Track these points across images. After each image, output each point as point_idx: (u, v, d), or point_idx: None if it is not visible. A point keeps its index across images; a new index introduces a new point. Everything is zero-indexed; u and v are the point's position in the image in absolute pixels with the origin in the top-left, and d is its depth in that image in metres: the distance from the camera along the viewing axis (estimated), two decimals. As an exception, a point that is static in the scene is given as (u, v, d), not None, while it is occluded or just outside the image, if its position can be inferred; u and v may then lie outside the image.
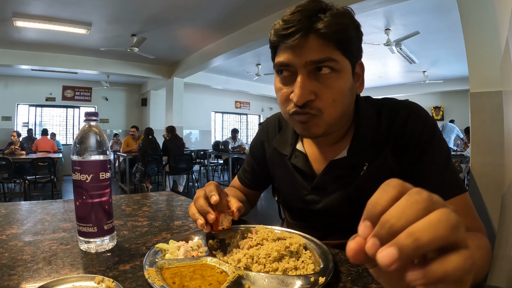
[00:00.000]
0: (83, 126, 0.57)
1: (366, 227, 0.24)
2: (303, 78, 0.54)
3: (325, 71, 0.54)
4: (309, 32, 0.52)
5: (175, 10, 4.11)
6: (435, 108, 9.15)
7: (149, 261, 0.47)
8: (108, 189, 0.58)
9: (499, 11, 1.46)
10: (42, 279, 0.44)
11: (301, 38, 0.52)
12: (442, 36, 4.89)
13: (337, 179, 0.64)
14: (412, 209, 0.22)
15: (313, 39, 0.52)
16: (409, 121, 0.59)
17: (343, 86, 0.55)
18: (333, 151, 0.65)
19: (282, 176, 0.75)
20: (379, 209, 0.23)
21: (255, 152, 0.83)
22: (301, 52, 0.53)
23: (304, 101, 0.54)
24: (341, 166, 0.63)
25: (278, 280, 0.42)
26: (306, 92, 0.53)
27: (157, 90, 8.83)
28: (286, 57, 0.55)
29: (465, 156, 4.60)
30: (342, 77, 0.55)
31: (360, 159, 0.62)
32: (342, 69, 0.55)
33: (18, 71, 6.84)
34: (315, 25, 0.52)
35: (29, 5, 3.82)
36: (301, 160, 0.68)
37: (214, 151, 7.02)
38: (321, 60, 0.53)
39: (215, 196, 0.56)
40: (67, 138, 8.31)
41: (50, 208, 0.89)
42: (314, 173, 0.67)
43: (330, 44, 0.53)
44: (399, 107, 0.62)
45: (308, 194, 0.68)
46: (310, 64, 0.53)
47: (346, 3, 2.48)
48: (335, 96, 0.55)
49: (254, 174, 0.85)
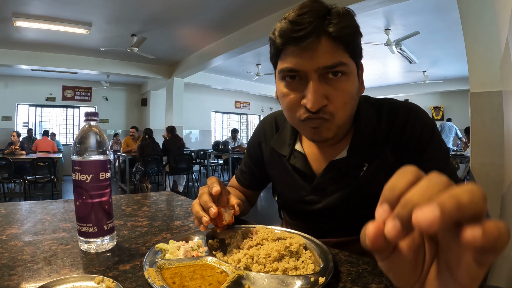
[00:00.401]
0: (83, 126, 0.57)
1: (384, 211, 0.22)
2: (316, 84, 0.52)
3: (336, 74, 0.53)
4: (321, 35, 0.50)
5: (175, 10, 4.11)
6: (435, 108, 9.15)
7: (149, 261, 0.47)
8: (108, 189, 0.58)
9: (499, 11, 1.46)
10: (42, 279, 0.44)
11: (314, 41, 0.50)
12: (442, 36, 4.89)
13: (337, 179, 0.64)
14: (434, 188, 0.21)
15: (325, 42, 0.51)
16: (409, 121, 0.59)
17: (353, 89, 0.55)
18: (333, 151, 0.65)
19: (280, 177, 0.74)
20: (397, 192, 0.22)
21: (252, 153, 0.82)
22: (313, 56, 0.51)
23: (319, 107, 0.52)
24: (341, 166, 0.63)
25: (278, 280, 0.42)
26: (320, 98, 0.52)
27: (157, 90, 8.82)
28: (295, 62, 0.53)
29: (465, 156, 4.60)
30: (351, 80, 0.55)
31: (360, 159, 0.62)
32: (351, 72, 0.54)
33: (18, 71, 6.84)
34: (327, 27, 0.50)
35: (29, 5, 3.82)
36: (300, 160, 0.68)
37: (214, 151, 7.02)
38: (334, 65, 0.51)
39: (216, 187, 0.55)
40: (67, 138, 8.31)
41: (50, 208, 0.89)
42: (314, 173, 0.67)
43: (340, 47, 0.52)
44: (398, 107, 0.62)
45: (308, 194, 0.68)
46: (322, 69, 0.52)
47: (346, 3, 2.48)
48: (346, 99, 0.54)
49: (251, 175, 0.84)
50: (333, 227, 0.68)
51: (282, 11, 3.90)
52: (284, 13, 0.54)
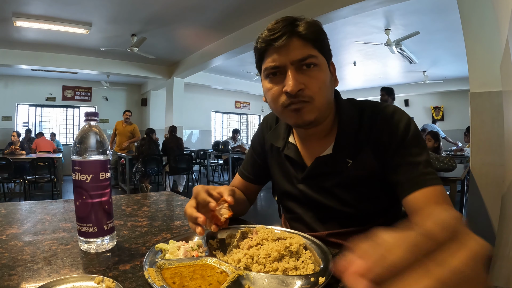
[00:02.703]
0: (83, 126, 0.57)
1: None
2: (293, 72, 0.63)
3: (309, 66, 0.63)
4: (293, 34, 0.62)
5: (175, 10, 4.11)
6: (435, 108, 9.13)
7: (149, 261, 0.47)
8: (108, 189, 0.58)
9: (499, 11, 1.46)
10: (42, 279, 0.44)
11: (287, 39, 0.62)
12: (442, 36, 4.88)
13: (324, 173, 0.71)
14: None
15: (295, 41, 0.63)
16: (388, 122, 0.67)
17: (325, 77, 0.65)
18: (320, 146, 0.72)
19: (276, 167, 0.82)
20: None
21: (256, 144, 0.89)
22: (287, 52, 0.62)
23: (297, 89, 0.62)
24: (327, 162, 0.70)
25: (278, 280, 0.42)
26: (297, 82, 0.62)
27: (157, 90, 8.82)
28: (274, 59, 0.64)
29: (465, 156, 4.61)
30: (322, 70, 0.65)
31: (344, 156, 0.69)
32: (321, 64, 0.65)
33: (18, 71, 6.83)
34: (296, 28, 0.62)
35: (29, 5, 3.82)
36: (293, 151, 0.76)
37: (214, 151, 7.02)
38: (304, 58, 0.62)
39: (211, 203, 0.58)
40: (67, 138, 8.30)
41: (50, 208, 0.89)
42: (304, 163, 0.74)
43: (309, 44, 0.63)
44: (379, 110, 0.69)
45: (299, 182, 0.75)
46: (297, 62, 0.62)
47: (346, 3, 2.47)
48: (320, 85, 0.64)
49: (254, 167, 0.89)
50: (325, 216, 0.74)
51: (282, 11, 3.89)
52: (284, 13, 0.58)
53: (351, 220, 0.71)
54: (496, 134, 2.16)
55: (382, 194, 0.70)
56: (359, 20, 4.32)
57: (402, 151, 0.64)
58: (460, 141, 6.57)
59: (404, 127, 0.65)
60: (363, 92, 9.23)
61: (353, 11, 3.40)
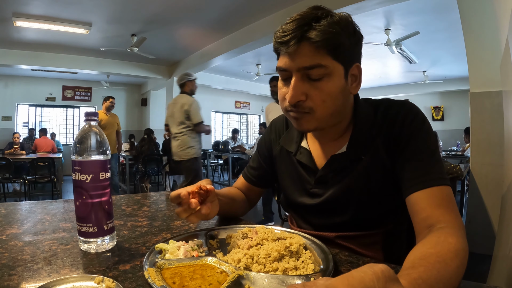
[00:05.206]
0: (83, 126, 0.57)
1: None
2: (296, 81, 0.61)
3: (316, 75, 0.60)
4: (302, 40, 0.58)
5: (175, 10, 4.11)
6: (435, 108, 9.13)
7: (149, 261, 0.47)
8: (108, 189, 0.58)
9: (499, 11, 1.46)
10: (42, 279, 0.44)
11: (295, 45, 0.58)
12: (442, 36, 4.88)
13: (338, 172, 0.69)
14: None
15: (305, 47, 0.58)
16: (400, 115, 0.65)
17: (333, 89, 0.61)
18: (334, 147, 0.70)
19: (287, 172, 0.80)
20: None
21: (262, 149, 0.88)
22: (295, 58, 0.60)
23: (295, 101, 0.61)
24: (341, 160, 0.68)
25: (278, 280, 0.42)
26: (297, 94, 0.60)
27: (157, 90, 8.81)
28: (283, 62, 0.62)
29: (465, 156, 4.60)
30: (332, 80, 0.61)
31: (358, 153, 0.67)
32: (332, 73, 0.60)
33: (18, 71, 6.83)
34: (307, 34, 0.58)
35: (29, 5, 3.82)
36: (305, 156, 0.74)
37: (214, 151, 7.02)
38: (311, 66, 0.59)
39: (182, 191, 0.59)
40: (67, 138, 8.30)
41: (50, 208, 0.89)
42: (317, 167, 0.72)
43: (320, 51, 0.58)
44: (393, 105, 0.68)
45: (312, 187, 0.73)
46: (302, 69, 0.60)
47: (346, 3, 2.48)
48: (325, 97, 0.61)
49: (259, 170, 0.88)
50: (336, 221, 0.71)
51: (282, 11, 3.90)
52: (283, 13, 0.57)
53: (361, 223, 0.68)
54: (496, 134, 2.16)
55: (394, 194, 0.65)
56: (359, 20, 4.29)
57: (411, 147, 0.62)
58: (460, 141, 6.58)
59: (415, 122, 0.63)
60: (363, 92, 9.14)
61: (353, 11, 3.39)
